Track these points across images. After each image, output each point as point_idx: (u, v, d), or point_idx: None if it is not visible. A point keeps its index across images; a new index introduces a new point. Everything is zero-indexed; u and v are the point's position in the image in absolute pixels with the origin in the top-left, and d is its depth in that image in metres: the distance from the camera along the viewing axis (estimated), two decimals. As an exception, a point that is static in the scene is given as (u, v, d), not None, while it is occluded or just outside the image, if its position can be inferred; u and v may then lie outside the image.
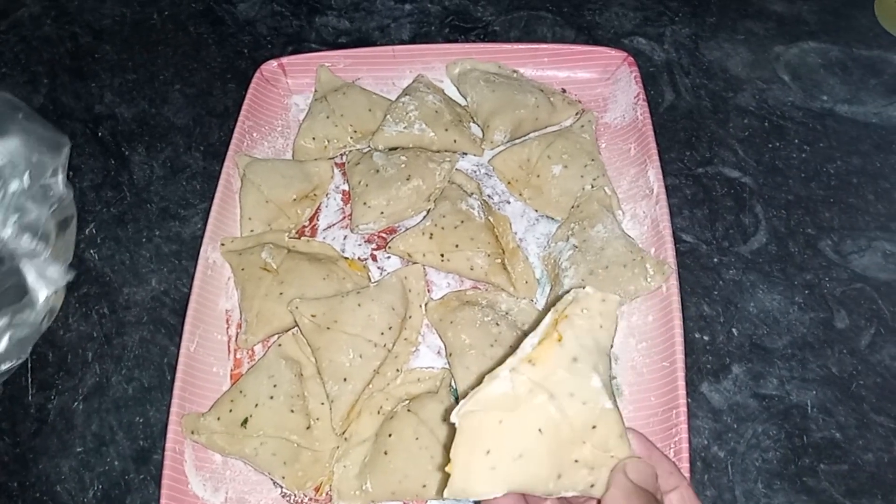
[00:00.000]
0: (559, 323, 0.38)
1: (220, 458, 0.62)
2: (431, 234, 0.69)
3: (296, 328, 0.66)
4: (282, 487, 0.61)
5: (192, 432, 0.60)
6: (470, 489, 0.35)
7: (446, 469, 0.36)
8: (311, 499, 0.60)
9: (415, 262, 0.70)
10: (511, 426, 0.35)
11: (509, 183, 0.75)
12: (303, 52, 0.84)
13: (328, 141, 0.77)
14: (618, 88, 0.79)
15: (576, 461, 0.36)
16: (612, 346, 0.39)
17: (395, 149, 0.76)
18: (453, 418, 0.36)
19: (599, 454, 0.36)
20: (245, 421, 0.60)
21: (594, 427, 0.36)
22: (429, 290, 0.70)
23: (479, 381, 0.63)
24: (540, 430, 0.36)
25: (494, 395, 0.36)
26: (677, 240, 0.70)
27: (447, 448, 0.36)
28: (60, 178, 0.70)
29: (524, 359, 0.37)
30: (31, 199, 0.66)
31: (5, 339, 0.62)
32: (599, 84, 0.80)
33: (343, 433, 0.62)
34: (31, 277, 0.64)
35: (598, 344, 0.38)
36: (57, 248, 0.68)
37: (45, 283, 0.65)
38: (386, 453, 0.59)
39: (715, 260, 0.71)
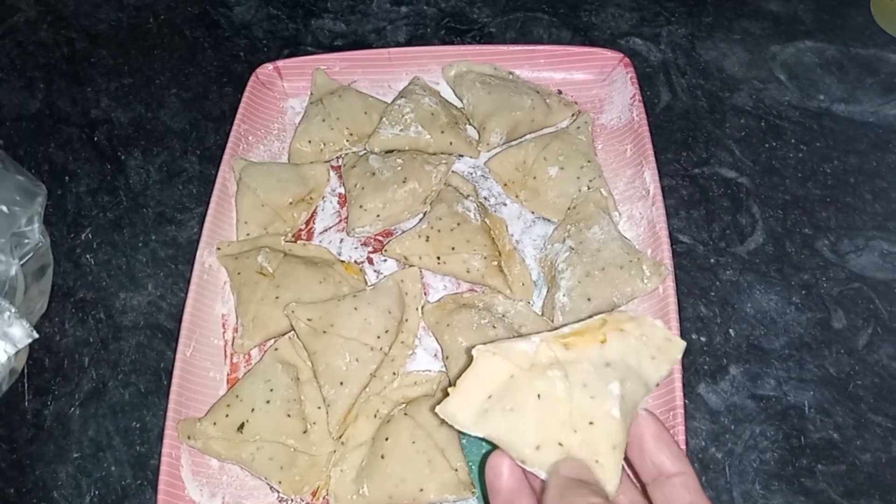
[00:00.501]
0: (610, 330, 0.39)
1: (217, 463, 0.62)
2: (428, 237, 0.68)
3: (292, 332, 0.66)
4: (279, 492, 0.61)
5: (189, 437, 0.60)
6: (458, 418, 0.38)
7: (448, 390, 0.38)
8: (307, 503, 0.60)
9: (411, 265, 0.69)
10: (517, 382, 0.37)
11: (506, 185, 0.75)
12: (298, 56, 0.84)
13: (324, 144, 0.77)
14: (614, 89, 0.78)
15: (560, 444, 0.37)
16: (656, 385, 0.39)
17: (391, 151, 0.76)
18: (474, 351, 0.38)
19: (586, 453, 0.37)
20: (241, 426, 0.60)
21: (591, 423, 0.36)
22: (425, 293, 0.70)
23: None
24: (539, 396, 0.37)
25: (516, 349, 0.38)
26: (674, 241, 0.69)
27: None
28: (36, 226, 0.68)
29: (559, 337, 0.38)
30: (0, 251, 0.64)
31: None
32: (596, 85, 0.80)
33: (340, 437, 0.62)
34: None
35: (640, 370, 0.39)
36: (29, 297, 0.66)
37: (7, 343, 0.63)
38: (383, 457, 0.58)
39: (712, 261, 0.71)
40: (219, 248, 0.70)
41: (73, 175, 0.81)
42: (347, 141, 0.78)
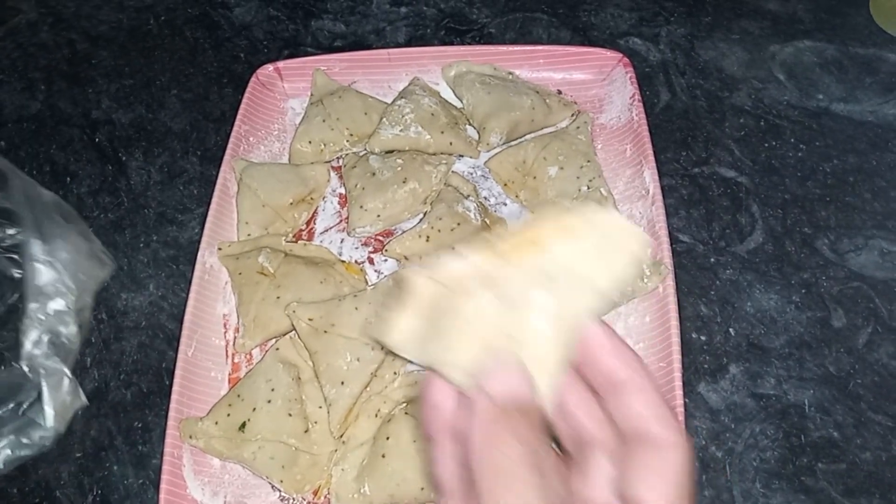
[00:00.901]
0: (552, 234, 0.33)
1: (219, 463, 0.62)
2: (428, 237, 0.69)
3: (293, 332, 0.66)
4: (280, 491, 0.61)
5: (191, 437, 0.60)
6: (396, 343, 0.35)
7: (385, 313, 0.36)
8: (309, 502, 0.60)
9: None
10: (447, 303, 0.34)
11: (505, 185, 0.75)
12: (299, 56, 0.85)
13: (324, 144, 0.78)
14: (613, 89, 0.79)
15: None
16: (616, 289, 0.34)
17: (391, 152, 0.76)
18: (405, 272, 0.35)
19: None
20: (243, 425, 0.60)
21: (520, 343, 0.33)
22: (426, 293, 0.70)
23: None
24: (466, 317, 0.33)
25: (447, 268, 0.34)
26: (674, 240, 0.70)
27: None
28: (90, 298, 0.68)
29: (493, 249, 0.33)
30: (69, 315, 0.65)
31: (5, 453, 0.62)
32: (595, 85, 0.80)
33: (341, 436, 0.62)
34: (47, 399, 0.63)
35: (589, 276, 0.33)
36: (73, 356, 0.68)
37: (59, 406, 0.64)
38: (384, 456, 0.59)
39: (712, 260, 0.71)
40: (220, 249, 0.71)
41: (74, 176, 0.81)
42: (348, 141, 0.78)
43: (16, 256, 0.66)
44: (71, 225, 0.69)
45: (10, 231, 0.66)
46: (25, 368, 0.62)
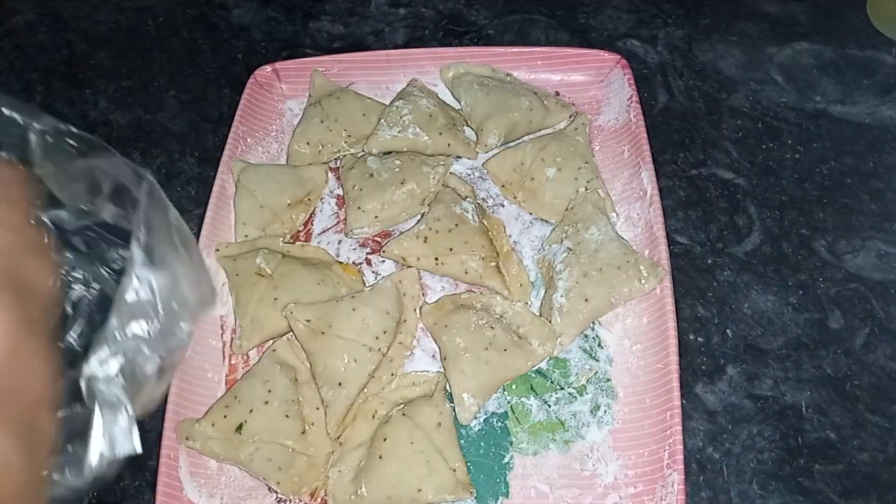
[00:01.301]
0: None
1: (216, 464, 0.62)
2: (426, 238, 0.69)
3: (290, 333, 0.66)
4: (277, 493, 0.61)
5: (187, 438, 0.60)
6: None
7: None
8: (306, 504, 0.60)
9: (409, 266, 0.70)
10: None
11: (503, 186, 0.75)
12: (297, 58, 0.85)
13: (322, 145, 0.78)
14: (611, 91, 0.79)
15: None
16: None
17: (389, 153, 0.76)
18: None
19: None
20: (240, 427, 0.60)
21: None
22: (423, 294, 0.70)
23: (476, 385, 0.62)
24: None
25: None
26: (671, 241, 0.70)
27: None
28: (188, 328, 0.62)
29: None
30: (148, 345, 0.59)
31: None
32: (593, 87, 0.80)
33: (338, 438, 0.62)
34: (97, 434, 0.56)
35: None
36: (144, 396, 0.59)
37: (110, 446, 0.57)
38: (381, 457, 0.59)
39: (709, 261, 0.71)
40: (217, 250, 0.70)
41: (71, 177, 0.81)
42: (345, 142, 0.78)
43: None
44: (183, 251, 0.65)
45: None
46: (81, 387, 0.54)
